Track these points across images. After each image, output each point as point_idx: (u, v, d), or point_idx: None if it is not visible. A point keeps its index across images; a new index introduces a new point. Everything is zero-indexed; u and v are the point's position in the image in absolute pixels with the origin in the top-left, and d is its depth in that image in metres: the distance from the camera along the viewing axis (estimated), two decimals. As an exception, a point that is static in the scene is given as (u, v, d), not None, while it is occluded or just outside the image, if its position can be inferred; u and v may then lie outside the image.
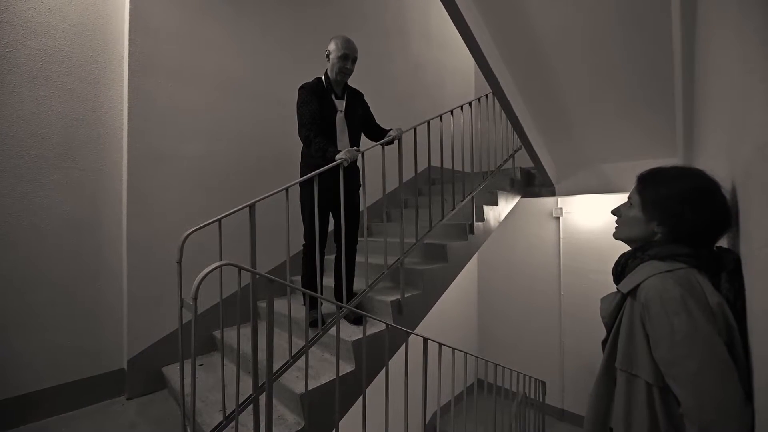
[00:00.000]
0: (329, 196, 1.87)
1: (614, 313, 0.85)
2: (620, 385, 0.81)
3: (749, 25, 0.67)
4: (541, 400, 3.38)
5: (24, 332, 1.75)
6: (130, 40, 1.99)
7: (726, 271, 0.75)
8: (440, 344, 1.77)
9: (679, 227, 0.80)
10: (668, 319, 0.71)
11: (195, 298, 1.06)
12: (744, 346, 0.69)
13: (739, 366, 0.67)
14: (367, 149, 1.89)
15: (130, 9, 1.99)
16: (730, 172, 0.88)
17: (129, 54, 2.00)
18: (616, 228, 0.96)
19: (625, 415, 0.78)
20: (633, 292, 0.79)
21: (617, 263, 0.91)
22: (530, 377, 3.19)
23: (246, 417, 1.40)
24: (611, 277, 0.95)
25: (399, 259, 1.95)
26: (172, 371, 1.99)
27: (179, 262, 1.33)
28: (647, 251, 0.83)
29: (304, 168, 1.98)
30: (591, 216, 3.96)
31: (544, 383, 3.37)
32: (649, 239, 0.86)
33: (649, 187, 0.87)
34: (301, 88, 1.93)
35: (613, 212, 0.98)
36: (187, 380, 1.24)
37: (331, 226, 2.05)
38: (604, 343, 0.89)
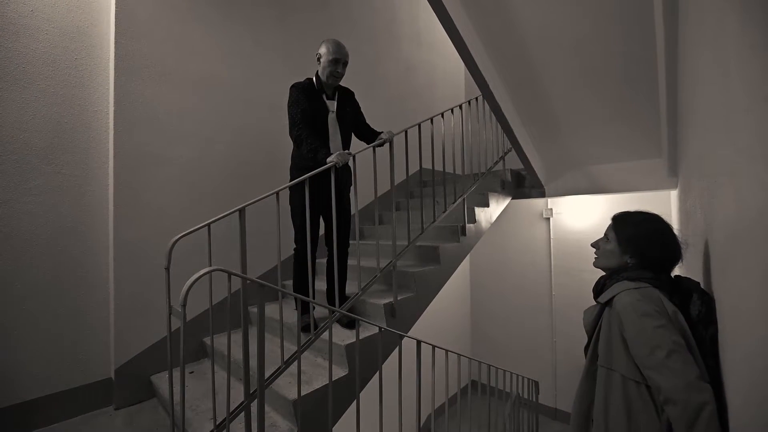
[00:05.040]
0: (320, 198, 1.86)
1: (594, 322, 1.06)
2: (600, 378, 1.00)
3: (727, 29, 0.68)
4: (534, 399, 3.40)
5: (6, 342, 1.69)
6: (116, 42, 1.96)
7: (697, 292, 0.97)
8: (434, 346, 1.77)
9: (645, 258, 1.03)
10: (640, 322, 0.91)
11: (184, 305, 1.04)
12: (708, 343, 0.91)
13: (694, 356, 0.87)
14: (358, 152, 1.89)
15: (116, 11, 1.96)
16: (713, 172, 0.90)
17: (115, 57, 1.96)
18: (595, 258, 1.17)
19: (604, 403, 0.97)
20: (609, 303, 1.01)
21: (597, 283, 1.12)
22: (523, 377, 3.21)
23: (237, 425, 1.38)
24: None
25: (391, 261, 1.94)
26: (161, 379, 1.95)
27: (167, 268, 1.31)
28: (621, 274, 1.05)
29: (294, 170, 1.97)
30: (580, 216, 4.01)
31: (536, 383, 3.39)
32: (623, 267, 1.07)
33: (622, 227, 1.11)
34: (293, 87, 1.92)
35: (593, 245, 1.19)
36: (177, 388, 1.22)
37: (322, 230, 2.03)
38: (586, 348, 1.07)
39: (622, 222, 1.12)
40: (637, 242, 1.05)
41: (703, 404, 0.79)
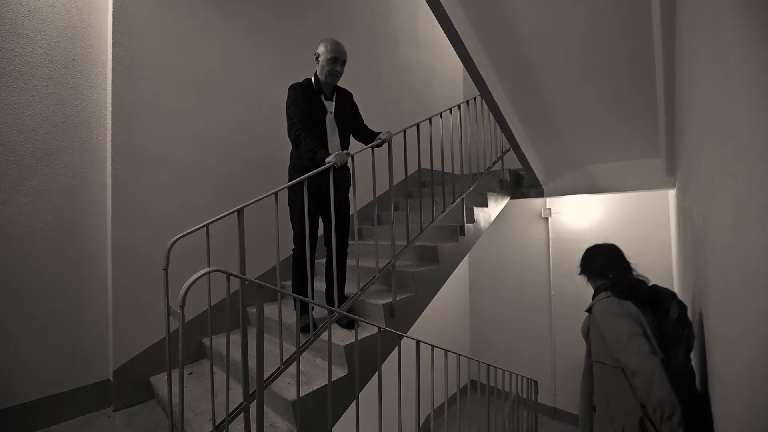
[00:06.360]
0: (319, 199, 1.86)
1: (587, 329, 1.44)
2: (596, 371, 1.34)
3: (725, 27, 0.68)
4: (533, 399, 3.41)
5: (4, 343, 1.69)
6: (113, 43, 1.95)
7: (675, 300, 1.29)
8: (433, 346, 1.77)
9: (592, 270, 1.54)
10: (608, 318, 1.28)
11: (182, 306, 1.04)
12: (684, 340, 1.24)
13: (649, 339, 1.18)
14: (357, 152, 1.89)
15: (113, 12, 1.95)
16: (712, 172, 0.90)
17: (112, 57, 1.96)
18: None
19: (602, 389, 1.30)
20: (590, 311, 1.41)
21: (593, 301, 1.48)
22: (522, 377, 3.22)
23: (237, 426, 1.37)
24: None
25: (390, 261, 1.94)
26: (159, 381, 1.94)
27: (165, 269, 1.30)
28: (599, 291, 1.44)
29: (293, 171, 1.96)
30: (579, 216, 4.02)
31: (536, 382, 3.40)
32: (597, 288, 1.49)
33: (580, 266, 1.60)
34: (291, 87, 1.92)
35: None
36: (176, 390, 1.22)
37: (320, 230, 2.03)
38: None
39: (580, 264, 1.61)
40: (583, 264, 1.58)
41: (654, 371, 1.10)
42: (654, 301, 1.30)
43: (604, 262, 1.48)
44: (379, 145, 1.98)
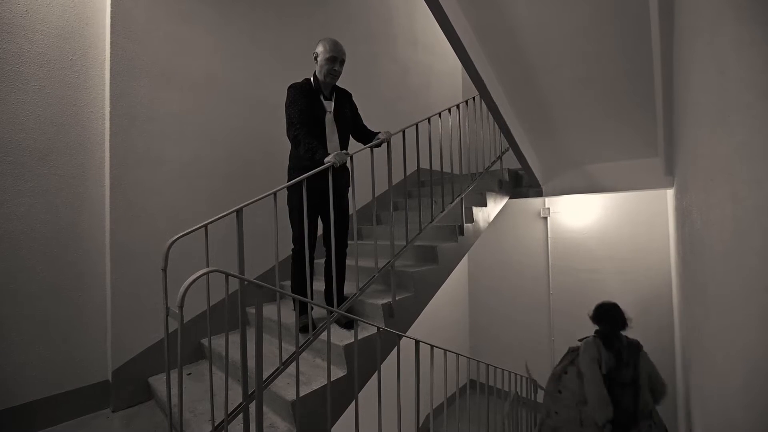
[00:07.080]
0: (318, 199, 1.86)
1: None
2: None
3: (723, 25, 0.68)
4: (533, 398, 3.41)
5: (2, 344, 1.68)
6: (111, 43, 1.95)
7: (627, 348, 2.04)
8: (432, 346, 1.77)
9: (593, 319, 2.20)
10: (584, 350, 2.12)
11: (181, 306, 1.04)
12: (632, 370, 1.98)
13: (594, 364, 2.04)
14: (356, 152, 1.89)
15: (111, 12, 1.95)
16: (710, 171, 0.91)
17: (111, 57, 1.95)
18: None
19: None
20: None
21: None
22: (522, 376, 3.22)
23: (236, 426, 1.37)
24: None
25: (390, 261, 1.94)
26: (158, 381, 1.94)
27: (164, 270, 1.30)
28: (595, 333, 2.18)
29: (293, 170, 1.96)
30: (578, 215, 4.02)
31: (535, 382, 3.40)
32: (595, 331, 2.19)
33: (592, 317, 2.21)
34: (290, 87, 1.92)
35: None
36: (175, 390, 1.21)
37: (320, 231, 2.03)
38: None
39: (592, 314, 2.22)
40: (593, 314, 2.20)
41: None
42: (617, 348, 2.02)
43: (603, 316, 2.12)
44: (378, 145, 1.98)
